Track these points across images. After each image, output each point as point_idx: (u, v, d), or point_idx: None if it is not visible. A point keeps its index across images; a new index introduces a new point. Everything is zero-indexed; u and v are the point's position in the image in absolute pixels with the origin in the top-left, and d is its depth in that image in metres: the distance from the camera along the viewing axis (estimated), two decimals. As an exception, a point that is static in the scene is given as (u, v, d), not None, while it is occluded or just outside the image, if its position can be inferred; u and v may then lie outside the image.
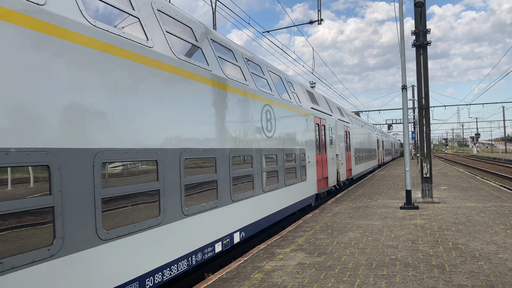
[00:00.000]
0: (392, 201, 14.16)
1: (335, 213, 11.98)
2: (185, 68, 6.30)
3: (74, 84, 4.15)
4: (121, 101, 4.82)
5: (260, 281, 6.02)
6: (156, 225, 5.34)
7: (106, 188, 4.51)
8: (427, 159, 13.99)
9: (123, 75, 4.89)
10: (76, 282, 4.05)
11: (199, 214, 6.44)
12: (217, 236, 7.05)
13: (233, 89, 7.92)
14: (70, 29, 4.17)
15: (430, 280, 5.75)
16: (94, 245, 4.30)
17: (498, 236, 8.27)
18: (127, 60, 4.98)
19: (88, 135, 4.31)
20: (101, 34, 4.58)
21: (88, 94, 4.33)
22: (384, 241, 8.24)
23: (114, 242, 4.59)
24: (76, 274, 4.06)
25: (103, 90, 4.56)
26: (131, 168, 4.98)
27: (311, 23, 19.63)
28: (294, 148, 11.73)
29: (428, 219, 10.44)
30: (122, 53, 4.90)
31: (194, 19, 7.46)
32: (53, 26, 3.96)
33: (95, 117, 4.41)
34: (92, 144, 4.35)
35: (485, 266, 6.29)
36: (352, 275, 6.10)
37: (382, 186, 20.03)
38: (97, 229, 4.34)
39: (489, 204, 12.56)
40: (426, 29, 13.87)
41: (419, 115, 14.32)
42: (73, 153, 4.08)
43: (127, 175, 4.88)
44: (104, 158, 4.48)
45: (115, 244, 4.59)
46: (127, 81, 4.95)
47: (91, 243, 4.25)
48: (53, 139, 3.86)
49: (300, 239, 8.70)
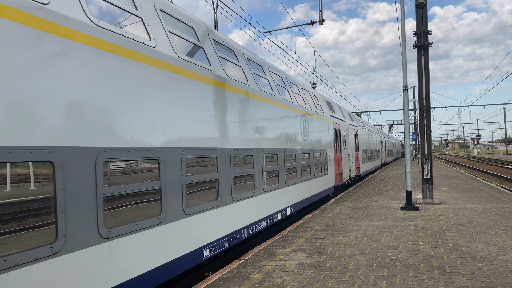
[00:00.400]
0: (393, 202, 14.16)
1: (336, 214, 11.99)
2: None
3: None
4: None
5: (260, 281, 6.02)
6: (251, 196, 8.52)
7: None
8: (428, 160, 13.98)
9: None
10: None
11: (272, 191, 9.77)
12: (279, 208, 10.37)
13: (284, 106, 11.18)
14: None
15: (430, 281, 5.75)
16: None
17: (498, 237, 8.27)
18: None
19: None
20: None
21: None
22: (385, 241, 8.24)
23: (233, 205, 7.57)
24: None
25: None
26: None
27: (313, 23, 19.63)
28: (320, 148, 14.90)
29: (428, 220, 10.44)
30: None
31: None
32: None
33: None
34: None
35: (486, 268, 6.29)
36: (352, 276, 6.10)
37: (383, 187, 20.02)
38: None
39: (489, 206, 12.56)
40: (428, 30, 13.87)
41: (420, 116, 14.31)
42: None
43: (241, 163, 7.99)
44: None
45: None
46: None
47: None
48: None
49: (301, 239, 8.70)
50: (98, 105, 4.44)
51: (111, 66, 4.65)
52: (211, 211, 6.79)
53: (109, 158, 4.57)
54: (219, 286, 5.85)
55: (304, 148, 12.66)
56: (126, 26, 5.14)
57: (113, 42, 4.72)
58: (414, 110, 47.71)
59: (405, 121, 13.32)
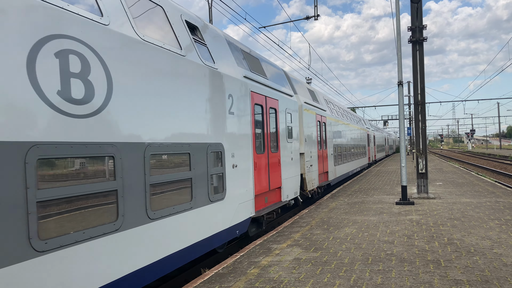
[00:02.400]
0: (388, 197, 14.22)
1: (331, 209, 12.02)
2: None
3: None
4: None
5: (256, 276, 6.03)
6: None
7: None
8: (423, 155, 14.05)
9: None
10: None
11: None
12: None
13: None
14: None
15: (425, 275, 5.79)
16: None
17: (493, 231, 8.33)
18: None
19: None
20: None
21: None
22: (380, 236, 8.28)
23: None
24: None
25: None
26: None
27: (308, 18, 19.58)
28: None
29: (423, 215, 10.50)
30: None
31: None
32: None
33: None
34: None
35: (480, 261, 6.33)
36: (348, 270, 6.13)
37: (378, 181, 20.10)
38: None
39: (484, 200, 12.65)
40: (422, 25, 13.88)
41: (415, 111, 14.35)
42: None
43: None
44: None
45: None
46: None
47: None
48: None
49: (297, 235, 8.72)
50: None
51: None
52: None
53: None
54: (216, 282, 5.85)
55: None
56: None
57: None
58: (409, 105, 47.88)
59: (400, 116, 13.35)
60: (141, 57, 5.30)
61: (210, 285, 5.75)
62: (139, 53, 5.27)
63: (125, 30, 5.10)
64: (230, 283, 5.76)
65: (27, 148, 3.68)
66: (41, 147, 3.81)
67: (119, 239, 4.76)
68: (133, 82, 5.09)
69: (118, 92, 4.81)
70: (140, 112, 5.22)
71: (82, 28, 4.36)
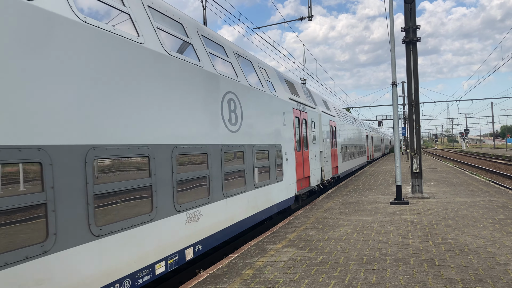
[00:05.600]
0: (383, 197, 14.27)
1: (326, 209, 12.04)
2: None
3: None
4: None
5: (251, 277, 6.03)
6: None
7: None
8: (417, 155, 14.11)
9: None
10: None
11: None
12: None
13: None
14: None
15: (420, 274, 5.81)
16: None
17: (486, 230, 8.38)
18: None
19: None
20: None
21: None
22: (375, 236, 8.30)
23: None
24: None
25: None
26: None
27: (302, 19, 19.60)
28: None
29: (418, 214, 10.54)
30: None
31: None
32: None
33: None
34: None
35: (474, 260, 6.37)
36: (343, 270, 6.14)
37: (373, 181, 20.16)
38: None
39: (478, 199, 12.72)
40: (416, 25, 13.95)
41: (409, 111, 14.42)
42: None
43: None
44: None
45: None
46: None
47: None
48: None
49: (291, 235, 8.73)
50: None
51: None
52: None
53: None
54: (211, 283, 5.84)
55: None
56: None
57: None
58: (404, 105, 48.09)
59: (394, 116, 13.41)
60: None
61: (205, 286, 5.73)
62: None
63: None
64: (225, 284, 5.76)
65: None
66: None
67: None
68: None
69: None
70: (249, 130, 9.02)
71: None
